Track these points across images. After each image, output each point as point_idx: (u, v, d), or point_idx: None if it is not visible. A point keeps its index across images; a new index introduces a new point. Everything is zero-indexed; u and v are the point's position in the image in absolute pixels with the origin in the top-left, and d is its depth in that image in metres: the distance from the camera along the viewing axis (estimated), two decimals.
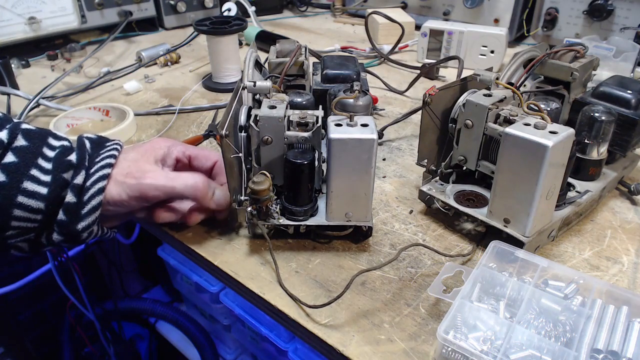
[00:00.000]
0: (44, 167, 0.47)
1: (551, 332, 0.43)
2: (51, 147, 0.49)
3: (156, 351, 1.39)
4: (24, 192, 0.45)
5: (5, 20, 1.03)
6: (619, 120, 0.58)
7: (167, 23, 1.33)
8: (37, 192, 0.45)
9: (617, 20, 1.02)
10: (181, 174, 0.53)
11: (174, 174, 0.53)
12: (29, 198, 0.45)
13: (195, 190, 0.52)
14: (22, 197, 0.45)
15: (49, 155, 0.48)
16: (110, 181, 0.49)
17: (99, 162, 0.49)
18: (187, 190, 0.52)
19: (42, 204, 0.46)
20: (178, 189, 0.51)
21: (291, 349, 0.99)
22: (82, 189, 0.48)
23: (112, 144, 0.53)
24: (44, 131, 0.50)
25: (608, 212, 0.62)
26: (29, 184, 0.45)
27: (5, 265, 1.13)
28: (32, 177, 0.46)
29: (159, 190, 0.51)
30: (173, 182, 0.51)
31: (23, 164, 0.46)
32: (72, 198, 0.47)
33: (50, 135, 0.50)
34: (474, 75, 0.58)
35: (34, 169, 0.46)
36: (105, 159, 0.50)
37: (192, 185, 0.52)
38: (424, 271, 0.52)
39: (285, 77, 0.65)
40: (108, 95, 0.96)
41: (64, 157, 0.48)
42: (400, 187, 0.67)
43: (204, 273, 1.12)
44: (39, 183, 0.46)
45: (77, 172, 0.48)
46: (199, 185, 0.52)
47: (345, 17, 1.47)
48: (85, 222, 0.48)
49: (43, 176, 0.46)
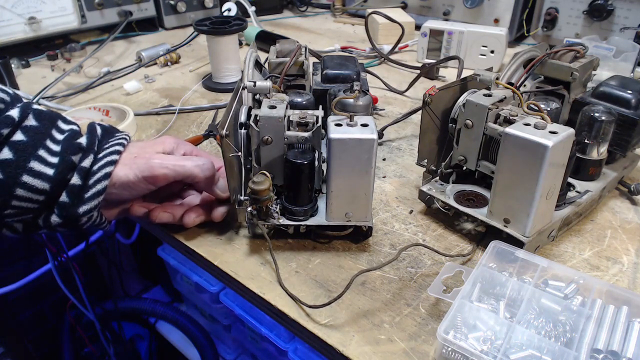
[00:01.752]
0: (52, 149, 0.47)
1: (551, 332, 0.43)
2: (60, 130, 0.49)
3: (156, 351, 1.39)
4: (29, 172, 0.45)
5: (5, 20, 1.03)
6: (619, 120, 0.58)
7: (167, 23, 1.33)
8: (43, 172, 0.45)
9: (617, 20, 1.02)
10: (190, 157, 0.54)
11: (183, 157, 0.54)
12: (35, 178, 0.45)
13: (204, 169, 0.52)
14: (27, 177, 0.45)
15: (57, 137, 0.48)
16: (117, 165, 0.50)
17: (108, 148, 0.50)
18: (197, 169, 0.52)
19: (47, 184, 0.46)
20: (188, 167, 0.52)
21: (291, 349, 0.99)
22: (89, 173, 0.48)
23: (122, 134, 0.54)
24: (55, 114, 0.50)
25: (608, 212, 0.62)
26: (35, 164, 0.45)
27: (6, 266, 1.13)
28: (40, 158, 0.46)
29: (169, 168, 0.51)
30: (183, 161, 0.52)
31: (32, 143, 0.46)
32: (78, 180, 0.47)
33: (60, 119, 0.50)
34: (474, 75, 0.58)
35: (42, 150, 0.46)
36: (115, 146, 0.50)
37: (202, 164, 0.52)
38: (424, 271, 0.52)
39: (285, 77, 0.65)
40: (108, 95, 0.96)
41: (73, 139, 0.48)
42: (400, 187, 0.67)
43: (204, 273, 1.12)
44: (46, 164, 0.46)
45: (85, 156, 0.48)
46: (208, 165, 0.53)
47: (345, 17, 1.47)
48: (88, 205, 0.48)
49: (50, 157, 0.46)
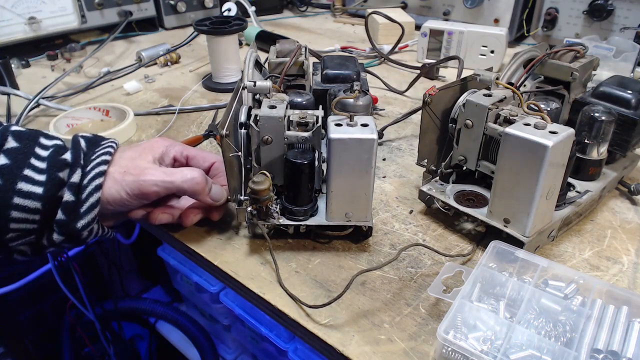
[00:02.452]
0: (38, 167, 0.46)
1: (551, 332, 0.43)
2: (44, 146, 0.48)
3: (156, 351, 1.40)
4: (19, 193, 0.45)
5: (5, 20, 1.03)
6: (619, 120, 0.58)
7: (167, 23, 1.33)
8: (32, 192, 0.45)
9: (617, 20, 1.02)
10: (179, 169, 0.53)
11: (171, 169, 0.53)
12: (25, 198, 0.45)
13: (193, 184, 0.52)
14: (18, 199, 0.45)
15: (42, 154, 0.47)
16: (107, 179, 0.49)
17: (95, 160, 0.49)
18: (186, 184, 0.52)
19: (38, 203, 0.45)
20: (177, 183, 0.51)
21: (291, 349, 0.99)
22: (80, 187, 0.48)
23: (108, 142, 0.53)
24: (35, 132, 0.49)
25: (608, 212, 0.62)
26: (23, 185, 0.45)
27: (6, 265, 1.13)
28: (26, 178, 0.45)
29: (158, 185, 0.51)
30: (172, 176, 0.51)
31: (15, 165, 0.45)
32: (70, 197, 0.47)
33: (42, 135, 0.49)
34: (474, 75, 0.58)
35: (27, 169, 0.46)
36: (101, 156, 0.50)
37: (190, 179, 0.52)
38: (424, 271, 0.52)
39: (285, 77, 0.65)
40: (108, 95, 0.96)
41: (58, 155, 0.48)
42: (400, 187, 0.67)
43: (204, 273, 1.12)
44: (34, 183, 0.45)
45: (73, 171, 0.48)
46: (198, 179, 0.52)
47: (345, 17, 1.47)
48: (85, 220, 0.48)
49: (37, 175, 0.46)
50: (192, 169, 0.53)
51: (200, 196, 0.53)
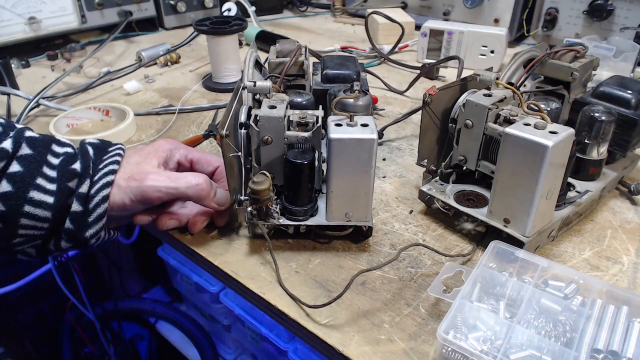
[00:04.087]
0: (49, 175, 0.46)
1: (551, 332, 0.43)
2: (55, 154, 0.48)
3: (156, 351, 1.40)
4: (30, 202, 0.45)
5: (5, 20, 1.03)
6: (619, 120, 0.58)
7: (167, 23, 1.33)
8: (43, 201, 0.45)
9: (617, 20, 1.02)
10: (183, 174, 0.53)
11: (176, 174, 0.52)
12: (36, 207, 0.45)
13: (198, 190, 0.52)
14: (28, 207, 0.45)
15: (53, 162, 0.47)
16: (113, 187, 0.49)
17: (103, 169, 0.50)
18: (190, 190, 0.51)
19: (48, 212, 0.46)
20: (181, 189, 0.51)
21: (291, 349, 0.99)
22: (88, 197, 0.48)
23: (115, 149, 0.53)
24: (48, 138, 0.50)
25: (608, 212, 0.62)
26: (35, 193, 0.45)
27: (6, 266, 1.13)
28: (38, 186, 0.46)
29: (161, 191, 0.51)
30: (176, 182, 0.51)
31: (28, 173, 0.46)
32: (78, 207, 0.47)
33: (54, 142, 0.49)
34: (474, 75, 0.58)
35: (39, 178, 0.46)
36: (109, 166, 0.50)
37: (194, 184, 0.51)
38: (424, 271, 0.52)
39: (285, 77, 0.65)
40: (108, 95, 0.96)
41: (68, 165, 0.48)
42: (400, 187, 0.67)
43: (204, 273, 1.12)
44: (45, 192, 0.46)
45: (81, 181, 0.48)
46: (202, 185, 0.52)
47: (345, 17, 1.47)
48: (93, 229, 0.48)
49: (48, 185, 0.46)
50: (197, 174, 0.53)
51: (205, 201, 0.53)
